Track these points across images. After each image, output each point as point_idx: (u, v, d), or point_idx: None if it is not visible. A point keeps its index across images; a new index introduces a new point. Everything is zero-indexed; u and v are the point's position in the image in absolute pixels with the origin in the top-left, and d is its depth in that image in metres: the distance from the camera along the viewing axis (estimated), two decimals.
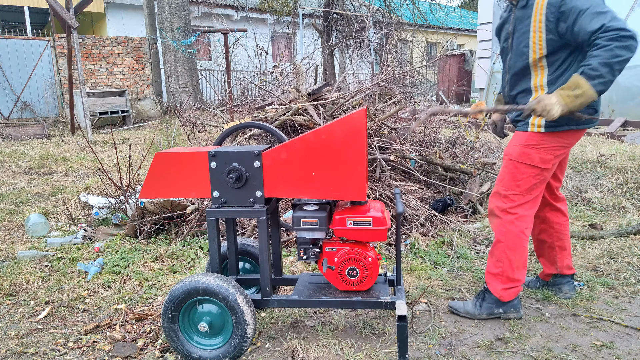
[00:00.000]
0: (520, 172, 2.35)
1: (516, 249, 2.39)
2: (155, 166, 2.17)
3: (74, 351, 2.29)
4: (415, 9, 12.05)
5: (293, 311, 2.58)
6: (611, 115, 8.92)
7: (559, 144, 2.31)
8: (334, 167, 2.02)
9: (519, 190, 2.37)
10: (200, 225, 3.81)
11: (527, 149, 2.33)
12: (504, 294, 2.44)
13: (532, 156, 2.32)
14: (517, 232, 2.38)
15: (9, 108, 11.66)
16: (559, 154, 2.34)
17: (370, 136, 4.05)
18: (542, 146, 2.31)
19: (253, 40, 9.36)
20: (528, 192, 2.37)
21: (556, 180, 2.58)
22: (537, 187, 2.38)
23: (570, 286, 2.71)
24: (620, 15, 2.06)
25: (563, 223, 2.65)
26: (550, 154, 2.31)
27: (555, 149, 2.31)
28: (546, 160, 2.31)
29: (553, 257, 2.68)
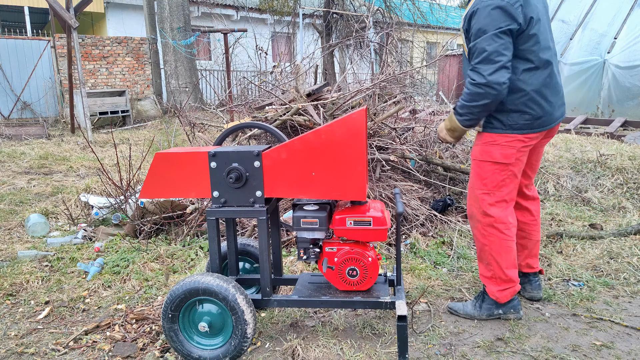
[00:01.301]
0: (484, 171, 2.37)
1: (501, 251, 2.39)
2: (155, 166, 2.17)
3: (74, 351, 2.29)
4: (415, 9, 12.05)
5: (293, 311, 2.58)
6: (611, 115, 8.92)
7: (515, 139, 2.31)
8: (334, 167, 2.02)
9: (487, 189, 2.37)
10: (200, 225, 3.81)
11: (487, 146, 2.36)
12: (500, 295, 2.44)
13: (493, 153, 2.34)
14: (498, 235, 2.38)
15: (9, 108, 11.66)
16: (520, 147, 2.32)
17: (371, 136, 4.05)
18: (498, 142, 2.33)
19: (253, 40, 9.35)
20: (497, 190, 2.36)
21: (526, 178, 2.55)
22: (506, 183, 2.36)
23: (534, 285, 2.65)
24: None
25: (529, 222, 2.60)
26: (510, 148, 2.31)
27: (515, 143, 2.31)
28: (508, 155, 2.32)
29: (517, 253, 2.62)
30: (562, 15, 10.46)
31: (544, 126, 2.32)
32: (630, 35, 9.06)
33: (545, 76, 2.27)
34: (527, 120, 2.28)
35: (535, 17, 2.19)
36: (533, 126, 2.30)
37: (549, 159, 5.37)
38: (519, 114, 2.27)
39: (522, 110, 2.27)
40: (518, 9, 2.14)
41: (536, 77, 2.25)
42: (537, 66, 2.25)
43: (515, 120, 2.28)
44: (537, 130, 2.31)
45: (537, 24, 2.21)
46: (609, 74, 9.05)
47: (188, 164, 2.15)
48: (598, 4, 9.91)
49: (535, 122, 2.30)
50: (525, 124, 2.29)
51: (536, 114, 2.28)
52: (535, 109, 2.27)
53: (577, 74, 9.59)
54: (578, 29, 10.02)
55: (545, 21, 2.29)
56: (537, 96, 2.27)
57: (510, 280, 2.42)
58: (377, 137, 4.08)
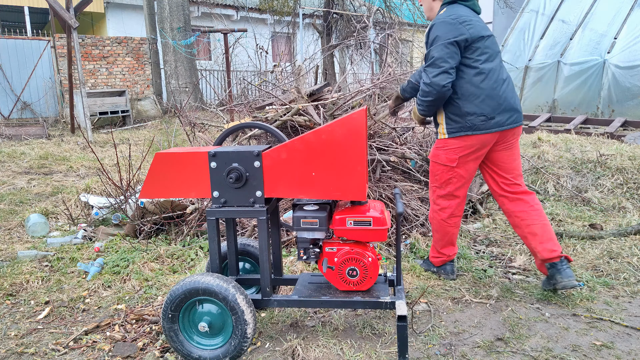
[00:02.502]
0: (435, 169, 2.86)
1: (439, 232, 2.94)
2: (155, 166, 2.17)
3: (74, 351, 2.29)
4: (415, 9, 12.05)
5: (293, 311, 2.58)
6: (611, 115, 8.92)
7: (460, 146, 2.72)
8: (334, 167, 2.02)
9: (437, 184, 2.87)
10: (200, 225, 3.81)
11: (437, 150, 2.84)
12: (434, 260, 3.05)
13: (441, 156, 2.81)
14: (439, 220, 2.90)
15: (9, 108, 11.66)
16: (463, 154, 2.73)
17: (371, 136, 4.05)
18: (446, 148, 2.77)
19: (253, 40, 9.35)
20: (444, 185, 2.84)
21: (500, 177, 2.84)
22: (452, 182, 2.81)
23: (563, 273, 2.63)
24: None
25: (527, 210, 2.77)
26: (454, 154, 2.74)
27: (459, 150, 2.73)
28: (452, 159, 2.76)
29: (529, 246, 2.78)
30: (562, 15, 10.46)
31: (496, 127, 2.66)
32: (630, 35, 9.06)
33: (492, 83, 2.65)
34: (481, 121, 2.65)
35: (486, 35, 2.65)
36: (484, 127, 2.66)
37: (549, 159, 5.37)
38: (473, 116, 2.66)
39: (473, 112, 2.65)
40: (467, 27, 2.60)
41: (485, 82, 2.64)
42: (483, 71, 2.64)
43: (471, 121, 2.67)
44: (487, 131, 2.66)
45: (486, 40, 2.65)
46: (609, 74, 9.05)
47: (188, 164, 2.15)
48: (598, 4, 9.91)
49: (488, 122, 2.66)
50: (477, 124, 2.66)
51: (487, 116, 2.65)
52: (484, 110, 2.64)
53: (577, 74, 9.59)
54: (578, 29, 10.02)
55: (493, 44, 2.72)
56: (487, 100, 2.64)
57: (443, 253, 2.99)
58: (377, 137, 4.08)
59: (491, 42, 2.71)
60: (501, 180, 2.83)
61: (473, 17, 2.69)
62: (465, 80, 2.66)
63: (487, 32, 2.68)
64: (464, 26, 2.61)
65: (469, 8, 2.73)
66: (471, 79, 2.65)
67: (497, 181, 2.84)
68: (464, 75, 2.67)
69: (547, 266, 2.70)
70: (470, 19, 2.65)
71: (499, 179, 2.83)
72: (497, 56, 2.73)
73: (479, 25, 2.68)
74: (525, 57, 10.75)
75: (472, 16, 2.68)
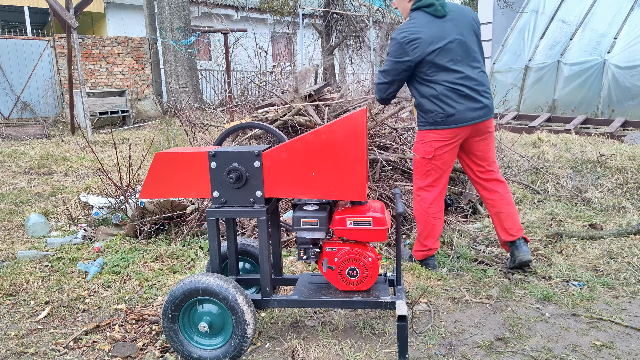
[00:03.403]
0: (416, 162, 3.04)
1: (421, 223, 3.05)
2: (155, 166, 2.17)
3: (74, 351, 2.29)
4: None
5: (293, 311, 2.58)
6: (611, 115, 8.92)
7: (434, 139, 2.90)
8: (334, 167, 2.02)
9: (418, 176, 3.04)
10: (200, 225, 3.81)
11: (417, 144, 3.02)
12: (416, 254, 3.15)
13: (419, 149, 2.99)
14: (421, 211, 3.03)
15: (9, 108, 11.66)
16: (438, 146, 2.90)
17: (371, 136, 4.05)
18: (423, 141, 2.95)
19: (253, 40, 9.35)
20: (425, 177, 3.00)
21: (476, 166, 3.06)
22: (431, 174, 2.97)
23: (520, 248, 2.99)
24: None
25: (496, 199, 3.04)
26: (430, 147, 2.92)
27: (434, 143, 2.90)
28: (428, 152, 2.93)
29: (495, 226, 3.11)
30: (562, 15, 10.46)
31: (456, 124, 2.84)
32: (630, 35, 9.06)
33: (448, 85, 2.81)
34: (441, 117, 2.85)
35: (437, 48, 2.77)
36: (445, 123, 2.85)
37: (549, 159, 5.37)
38: (433, 113, 2.86)
39: (433, 110, 2.86)
40: (412, 48, 2.77)
41: (437, 86, 2.82)
42: (435, 80, 2.83)
43: (432, 117, 2.87)
44: (449, 126, 2.85)
45: (438, 53, 2.78)
46: (609, 74, 9.05)
47: (188, 164, 2.15)
48: (598, 4, 9.91)
49: (447, 119, 2.84)
50: (438, 121, 2.86)
51: (445, 113, 2.83)
52: (444, 108, 2.83)
53: (577, 74, 9.59)
54: (578, 29, 10.02)
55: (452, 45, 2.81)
56: (443, 99, 2.82)
57: (425, 245, 3.08)
58: (378, 137, 4.08)
59: (448, 49, 2.79)
60: (476, 168, 3.06)
61: (427, 29, 2.79)
62: (422, 85, 2.88)
63: (440, 43, 2.78)
64: (410, 47, 2.77)
65: (430, 15, 2.83)
66: (427, 84, 2.86)
67: (473, 169, 3.08)
68: (419, 80, 2.88)
69: (508, 244, 3.05)
70: (419, 38, 2.77)
71: (474, 166, 3.07)
72: (459, 59, 2.83)
73: (430, 39, 2.77)
74: (525, 57, 10.75)
75: (425, 29, 2.79)
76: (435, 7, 2.82)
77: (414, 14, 2.89)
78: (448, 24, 2.83)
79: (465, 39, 2.85)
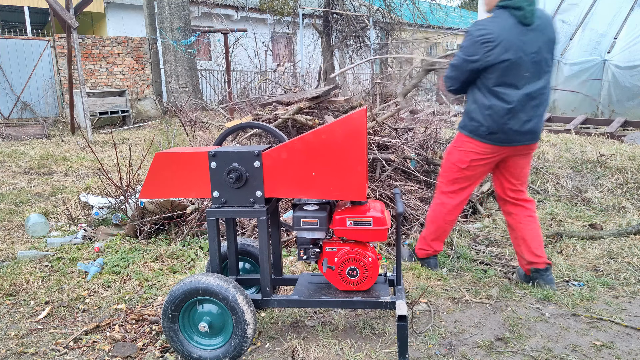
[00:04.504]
0: (446, 165, 2.91)
1: (434, 223, 2.97)
2: (155, 166, 2.17)
3: (74, 351, 2.29)
4: (415, 9, 12.05)
5: (293, 311, 2.58)
6: (611, 115, 8.92)
7: (471, 149, 2.75)
8: (334, 167, 2.02)
9: (444, 180, 2.92)
10: (200, 225, 3.81)
11: (453, 148, 2.86)
12: (419, 252, 3.10)
13: (454, 155, 2.85)
14: (437, 212, 2.94)
15: (9, 108, 11.66)
16: (475, 158, 2.75)
17: (371, 136, 4.05)
18: (461, 148, 2.80)
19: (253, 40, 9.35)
20: (451, 183, 2.88)
21: (508, 183, 2.88)
22: (460, 182, 2.85)
23: (548, 279, 2.83)
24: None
25: (524, 216, 2.86)
26: (466, 157, 2.78)
27: (469, 154, 2.76)
28: (463, 161, 2.79)
29: (518, 248, 2.91)
30: (562, 15, 10.45)
31: (499, 142, 2.68)
32: (630, 35, 9.05)
33: (505, 102, 2.61)
34: (483, 131, 2.69)
35: (510, 59, 2.55)
36: (486, 138, 2.69)
37: (549, 159, 5.37)
38: (477, 124, 2.70)
39: (478, 121, 2.69)
40: (486, 50, 2.55)
41: (494, 99, 2.63)
42: (494, 92, 2.63)
43: (475, 127, 2.71)
44: (491, 142, 2.69)
45: (509, 65, 2.56)
46: (609, 74, 9.05)
47: (188, 164, 2.15)
48: (598, 4, 9.91)
49: (489, 136, 2.68)
50: (480, 133, 2.70)
51: (489, 130, 2.66)
52: (490, 124, 2.65)
53: (577, 74, 9.59)
54: (578, 29, 10.02)
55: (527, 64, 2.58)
56: (493, 115, 2.64)
57: (430, 246, 3.04)
58: (378, 137, 4.08)
59: (520, 63, 2.55)
60: (508, 185, 2.87)
61: (508, 34, 2.54)
62: (478, 91, 2.69)
63: (516, 54, 2.53)
64: (484, 47, 2.55)
65: (515, 19, 2.56)
66: (484, 93, 2.66)
67: (504, 185, 2.89)
68: (478, 85, 2.69)
69: (531, 270, 2.86)
70: (495, 41, 2.53)
71: (506, 183, 2.88)
72: (527, 76, 2.59)
73: (507, 46, 2.53)
74: None
75: (506, 33, 2.54)
76: (524, 13, 2.55)
77: (498, 12, 2.61)
78: (530, 35, 2.57)
79: (541, 56, 2.60)
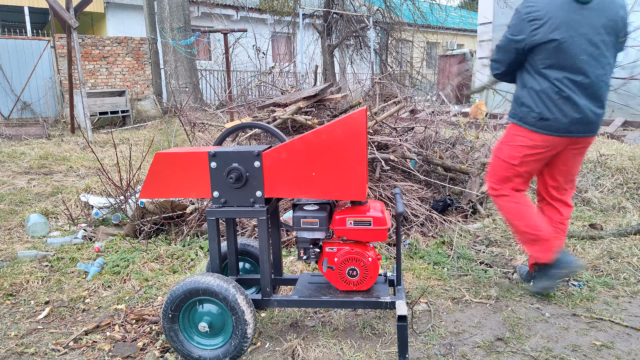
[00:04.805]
0: (496, 163, 2.67)
1: (518, 216, 2.61)
2: (155, 166, 2.17)
3: (74, 351, 2.29)
4: (415, 9, 12.05)
5: (293, 311, 2.58)
6: (611, 115, 8.92)
7: (523, 144, 2.53)
8: (334, 167, 2.02)
9: (494, 179, 2.67)
10: (200, 225, 3.81)
11: (502, 144, 2.65)
12: (541, 255, 2.60)
13: (504, 151, 2.62)
14: (512, 206, 2.62)
15: (9, 108, 11.66)
16: (528, 153, 2.53)
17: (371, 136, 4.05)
18: (510, 143, 2.59)
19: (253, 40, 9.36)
20: (503, 182, 2.64)
21: (553, 180, 2.68)
22: (511, 180, 2.62)
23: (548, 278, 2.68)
24: None
25: (555, 220, 2.69)
26: (517, 151, 2.56)
27: (521, 149, 2.54)
28: (513, 157, 2.57)
29: None
30: None
31: (552, 131, 2.45)
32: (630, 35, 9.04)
33: (557, 85, 2.40)
34: (532, 118, 2.47)
35: (560, 38, 2.33)
36: (538, 126, 2.47)
37: None
38: (527, 110, 2.49)
39: (528, 106, 2.49)
40: (533, 28, 2.37)
41: (544, 82, 2.43)
42: (544, 74, 2.43)
43: (524, 114, 2.50)
44: (543, 131, 2.46)
45: (559, 44, 2.34)
46: None
47: (188, 164, 2.15)
48: None
49: (540, 123, 2.46)
50: (528, 120, 2.49)
51: (539, 115, 2.46)
52: (540, 109, 2.45)
53: None
54: None
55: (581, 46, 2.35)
56: (544, 99, 2.44)
57: (539, 237, 2.57)
58: (379, 137, 4.08)
59: (574, 43, 2.34)
60: (552, 182, 2.66)
61: (559, 11, 2.33)
62: (528, 74, 2.49)
63: (567, 33, 2.32)
64: (530, 25, 2.36)
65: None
66: (534, 76, 2.46)
67: (547, 182, 2.68)
68: (527, 68, 2.50)
69: (536, 267, 2.74)
70: (544, 18, 2.33)
71: (550, 180, 2.66)
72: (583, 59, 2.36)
73: (557, 24, 2.32)
74: None
75: (556, 10, 2.33)
76: None
77: None
78: (587, 14, 2.33)
79: (600, 37, 2.36)
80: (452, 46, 22.26)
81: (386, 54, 12.45)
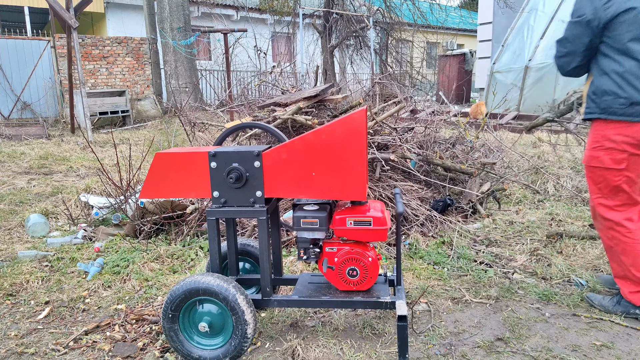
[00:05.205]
0: (596, 176, 2.33)
1: (627, 254, 2.33)
2: (155, 166, 2.17)
3: (74, 351, 2.29)
4: (415, 9, 12.05)
5: (293, 311, 2.58)
6: None
7: (621, 140, 2.21)
8: (334, 167, 2.02)
9: (601, 194, 2.34)
10: (200, 225, 3.81)
11: (594, 152, 2.31)
12: (631, 297, 2.38)
13: (601, 158, 2.28)
14: (621, 238, 2.33)
15: (9, 108, 11.66)
16: (632, 153, 2.20)
17: (371, 136, 4.05)
18: (604, 147, 2.26)
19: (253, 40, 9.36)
20: (614, 195, 2.31)
21: None
22: (622, 188, 2.27)
23: None
24: None
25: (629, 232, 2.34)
26: (620, 153, 2.22)
27: (622, 146, 2.21)
28: (618, 160, 2.23)
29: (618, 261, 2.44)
30: (562, 15, 10.46)
31: (629, 116, 2.19)
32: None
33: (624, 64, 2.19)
34: (620, 104, 2.19)
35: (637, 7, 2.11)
36: (629, 113, 2.18)
37: (549, 159, 5.37)
38: (611, 97, 2.21)
39: (611, 93, 2.21)
40: (604, 1, 2.15)
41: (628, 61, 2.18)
42: (626, 51, 2.18)
43: (607, 103, 2.22)
44: (635, 119, 2.17)
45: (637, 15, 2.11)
46: None
47: (188, 164, 2.15)
48: None
49: (631, 109, 2.17)
50: (615, 108, 2.20)
51: (629, 99, 2.18)
52: (628, 92, 2.17)
53: None
54: None
55: None
56: (631, 80, 2.17)
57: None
58: (379, 137, 4.08)
59: None
60: None
61: None
62: (605, 57, 2.25)
63: None
64: (599, 1, 2.16)
65: None
66: (613, 57, 2.22)
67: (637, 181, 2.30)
68: (602, 51, 2.25)
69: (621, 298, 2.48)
70: None
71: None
72: None
73: None
74: (525, 57, 10.76)
75: None
76: None
77: None
78: None
79: None
80: (452, 46, 22.27)
81: (386, 54, 12.46)
